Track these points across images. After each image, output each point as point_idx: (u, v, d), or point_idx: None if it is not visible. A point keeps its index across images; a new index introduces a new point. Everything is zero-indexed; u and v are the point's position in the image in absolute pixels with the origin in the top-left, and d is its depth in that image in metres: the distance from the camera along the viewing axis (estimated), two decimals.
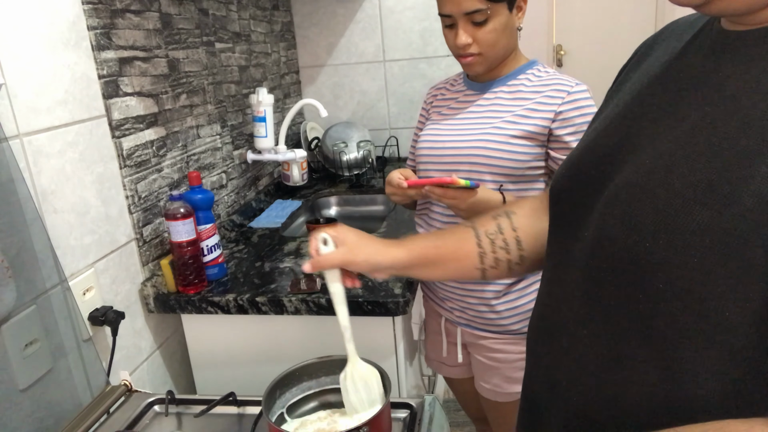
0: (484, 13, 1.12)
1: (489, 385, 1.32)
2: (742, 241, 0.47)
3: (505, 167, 1.18)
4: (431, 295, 1.39)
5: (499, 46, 1.17)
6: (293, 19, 2.37)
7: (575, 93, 1.16)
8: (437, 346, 1.43)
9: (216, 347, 1.32)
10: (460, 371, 1.43)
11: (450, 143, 1.24)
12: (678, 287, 0.51)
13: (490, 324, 1.27)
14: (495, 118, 1.21)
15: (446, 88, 1.36)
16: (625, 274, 0.55)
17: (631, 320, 0.56)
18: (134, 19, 1.28)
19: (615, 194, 0.58)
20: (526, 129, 1.17)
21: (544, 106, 1.17)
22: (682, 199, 0.51)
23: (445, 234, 0.88)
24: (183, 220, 1.22)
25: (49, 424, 0.94)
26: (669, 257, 0.51)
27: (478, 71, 1.22)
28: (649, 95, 0.62)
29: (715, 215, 0.49)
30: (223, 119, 1.72)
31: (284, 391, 0.95)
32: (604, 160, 0.63)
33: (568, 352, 0.64)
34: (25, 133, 0.97)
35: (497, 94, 1.24)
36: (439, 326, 1.39)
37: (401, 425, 0.94)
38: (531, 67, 1.24)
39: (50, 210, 1.03)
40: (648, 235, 0.53)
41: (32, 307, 0.93)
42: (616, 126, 0.64)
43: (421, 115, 1.41)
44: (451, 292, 1.30)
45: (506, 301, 1.25)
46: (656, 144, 0.57)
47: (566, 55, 4.87)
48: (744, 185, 0.48)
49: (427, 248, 0.84)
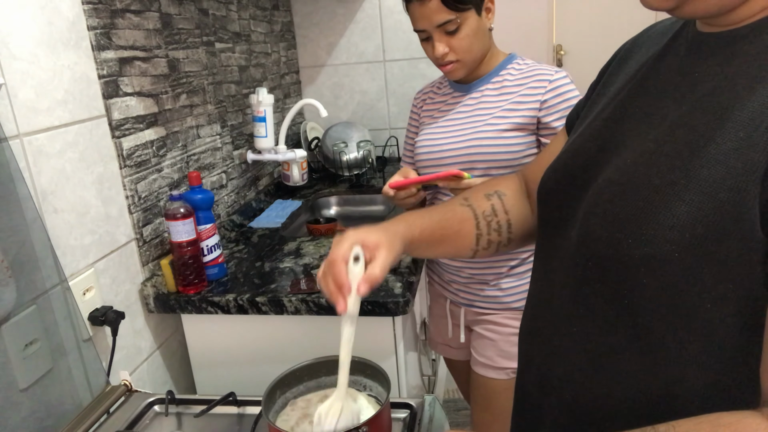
0: (455, 22, 1.18)
1: (483, 358, 1.38)
2: (720, 236, 0.49)
3: (501, 160, 1.25)
4: (437, 279, 1.47)
5: (474, 49, 1.24)
6: (293, 19, 2.37)
7: (556, 81, 1.24)
8: (442, 329, 1.50)
9: (216, 347, 1.32)
10: (462, 353, 1.50)
11: (446, 145, 1.30)
12: (660, 282, 0.52)
13: (494, 301, 1.35)
14: (485, 114, 1.28)
15: (433, 91, 1.43)
16: (609, 270, 0.57)
17: (617, 316, 0.57)
18: (134, 19, 1.28)
19: (598, 193, 0.60)
20: (515, 121, 1.24)
21: (529, 97, 1.24)
22: (661, 195, 0.52)
23: (445, 212, 0.86)
24: (183, 220, 1.22)
25: (49, 424, 0.94)
26: (650, 253, 0.52)
27: (459, 76, 1.28)
28: (631, 97, 0.64)
29: (693, 211, 0.50)
30: (223, 119, 1.72)
31: (284, 391, 0.95)
32: (589, 161, 0.64)
33: (558, 350, 0.65)
34: (25, 133, 0.97)
35: (483, 92, 1.31)
36: (444, 309, 1.46)
37: (401, 425, 0.94)
38: (510, 61, 1.31)
39: (50, 210, 1.03)
40: (629, 231, 0.54)
41: (32, 307, 0.93)
42: (599, 129, 0.66)
43: (412, 119, 1.47)
44: (456, 274, 1.38)
45: (512, 281, 1.33)
46: (637, 144, 0.59)
47: (566, 55, 4.87)
48: (721, 181, 0.49)
49: (434, 229, 0.83)
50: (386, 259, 0.72)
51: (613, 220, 0.56)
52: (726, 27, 0.55)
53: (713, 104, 0.53)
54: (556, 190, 0.69)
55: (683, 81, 0.58)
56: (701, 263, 0.50)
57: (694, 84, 0.56)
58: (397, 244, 0.76)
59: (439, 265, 1.44)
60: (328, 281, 0.72)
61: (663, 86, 0.60)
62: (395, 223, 0.81)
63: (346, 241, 0.74)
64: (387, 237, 0.75)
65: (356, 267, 0.72)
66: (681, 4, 0.53)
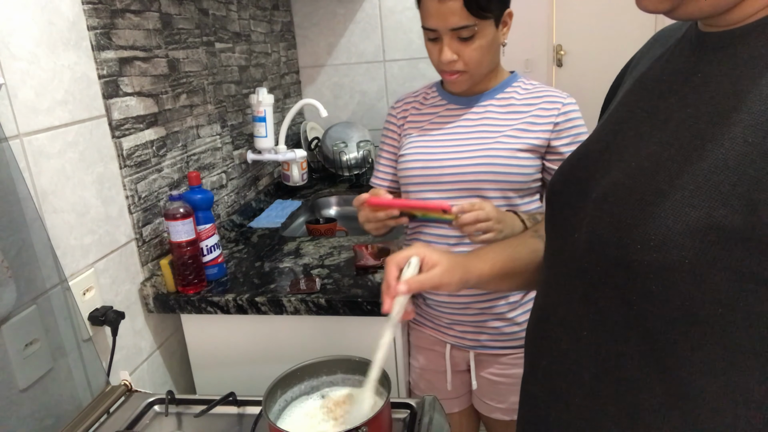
0: (471, 29, 1.08)
1: (506, 404, 1.26)
2: (732, 243, 0.48)
3: (513, 182, 1.16)
4: (431, 324, 1.30)
5: (484, 63, 1.14)
6: (293, 19, 2.37)
7: (568, 105, 1.18)
8: (438, 385, 1.31)
9: (216, 347, 1.32)
10: (460, 401, 1.34)
11: (449, 161, 1.18)
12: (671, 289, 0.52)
13: (510, 338, 1.22)
14: (494, 132, 1.18)
15: (418, 102, 1.29)
16: (618, 275, 0.56)
17: (627, 321, 0.56)
18: (134, 19, 1.28)
19: (603, 195, 0.59)
20: (530, 142, 1.16)
21: (541, 119, 1.17)
22: (670, 201, 0.52)
23: (517, 245, 0.87)
24: (182, 220, 1.22)
25: (49, 424, 0.94)
26: (660, 258, 0.51)
27: (462, 89, 1.20)
28: (634, 100, 0.64)
29: (704, 217, 0.49)
30: (223, 119, 1.72)
31: (285, 391, 0.95)
32: (592, 163, 0.64)
33: (567, 354, 0.64)
34: (25, 133, 0.97)
35: (487, 108, 1.21)
36: (443, 358, 1.29)
37: (401, 425, 0.94)
38: (515, 80, 1.23)
39: (50, 210, 1.03)
40: (637, 237, 0.53)
41: (32, 307, 0.93)
42: (604, 131, 0.66)
43: (391, 131, 1.31)
44: (460, 315, 1.23)
45: (525, 311, 1.20)
46: (641, 146, 0.58)
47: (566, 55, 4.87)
48: (732, 188, 0.48)
49: (505, 262, 0.84)
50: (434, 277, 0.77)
51: (621, 225, 0.55)
52: (727, 27, 0.55)
53: (718, 108, 0.52)
54: (561, 192, 0.69)
55: (686, 82, 0.57)
56: (713, 270, 0.49)
57: (697, 85, 0.56)
58: (456, 272, 0.79)
59: (437, 309, 1.26)
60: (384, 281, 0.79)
61: (666, 87, 0.60)
62: (466, 255, 0.84)
63: (410, 249, 0.80)
64: (448, 262, 0.80)
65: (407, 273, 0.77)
66: (676, 7, 0.53)
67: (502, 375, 1.25)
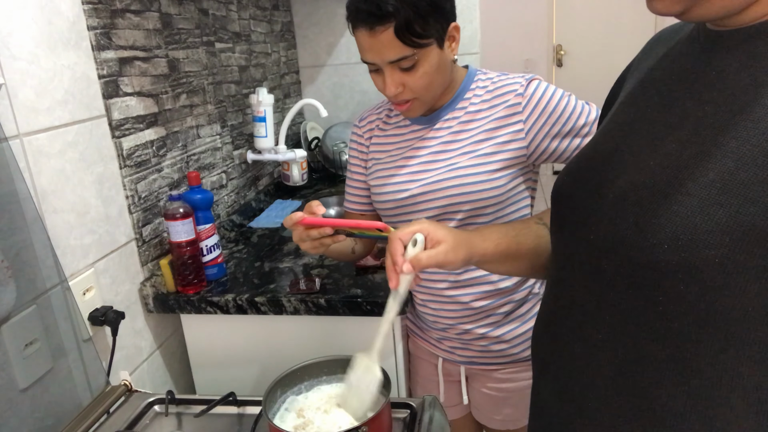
0: (411, 59, 0.99)
1: (501, 416, 1.26)
2: (761, 241, 0.47)
3: (487, 198, 1.07)
4: (424, 337, 1.28)
5: (434, 86, 1.05)
6: (293, 19, 2.37)
7: (529, 92, 1.06)
8: (433, 392, 1.30)
9: (215, 347, 1.32)
10: (459, 410, 1.34)
11: (419, 188, 1.10)
12: (699, 289, 0.51)
13: (499, 355, 1.20)
14: (456, 148, 1.10)
15: (382, 120, 1.20)
16: (642, 276, 0.55)
17: (650, 323, 0.55)
18: (134, 19, 1.29)
19: (622, 196, 0.58)
20: (500, 158, 1.07)
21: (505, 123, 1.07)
22: (697, 200, 0.51)
23: (521, 228, 0.87)
24: (182, 220, 1.22)
25: (49, 424, 0.94)
26: (688, 258, 0.50)
27: (416, 114, 1.10)
28: (641, 99, 0.63)
29: (733, 214, 0.49)
30: (223, 119, 1.72)
31: (284, 390, 0.95)
32: (603, 163, 0.63)
33: (580, 358, 0.63)
34: (25, 133, 0.97)
35: (448, 122, 1.12)
36: (436, 369, 1.28)
37: (401, 425, 0.94)
38: (472, 80, 1.12)
39: (50, 210, 1.03)
40: (665, 237, 0.52)
41: (32, 307, 0.93)
42: (612, 130, 0.65)
43: (358, 151, 1.23)
44: (448, 331, 1.20)
45: (513, 328, 1.17)
46: (657, 144, 0.57)
47: (566, 55, 4.87)
48: (761, 185, 0.48)
49: (509, 244, 0.83)
50: (439, 255, 0.77)
51: (646, 225, 0.54)
52: (737, 26, 0.54)
53: (738, 104, 0.52)
54: (569, 192, 0.68)
55: (698, 80, 0.57)
56: (742, 269, 0.48)
57: (712, 81, 0.55)
58: (461, 250, 0.78)
59: (425, 324, 1.24)
60: (387, 257, 0.78)
61: (676, 86, 0.59)
62: (471, 233, 0.83)
63: (414, 225, 0.79)
64: (454, 239, 0.79)
65: (412, 250, 0.77)
66: (688, 9, 0.53)
67: (496, 389, 1.24)
